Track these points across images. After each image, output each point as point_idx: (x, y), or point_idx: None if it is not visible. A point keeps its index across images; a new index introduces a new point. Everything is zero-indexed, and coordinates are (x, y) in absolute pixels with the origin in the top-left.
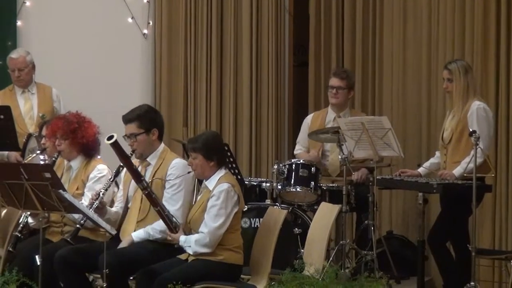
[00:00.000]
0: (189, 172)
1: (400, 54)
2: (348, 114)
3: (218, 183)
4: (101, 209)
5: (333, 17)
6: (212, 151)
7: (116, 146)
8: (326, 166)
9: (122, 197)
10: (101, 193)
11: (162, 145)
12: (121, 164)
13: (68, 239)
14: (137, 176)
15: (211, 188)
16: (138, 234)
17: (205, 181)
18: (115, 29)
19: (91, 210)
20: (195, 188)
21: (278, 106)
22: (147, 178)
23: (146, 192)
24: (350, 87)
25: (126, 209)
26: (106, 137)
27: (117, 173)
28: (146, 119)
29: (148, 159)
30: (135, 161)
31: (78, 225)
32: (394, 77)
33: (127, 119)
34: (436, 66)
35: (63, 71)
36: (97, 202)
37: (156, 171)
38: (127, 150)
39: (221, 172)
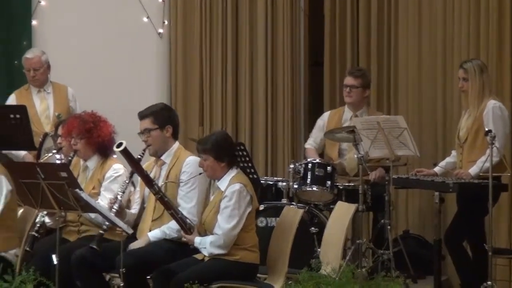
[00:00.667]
0: (200, 173)
1: (415, 53)
2: (365, 113)
3: (230, 184)
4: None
5: (348, 17)
6: (223, 152)
7: (125, 153)
8: (344, 165)
9: (139, 198)
10: (118, 197)
11: (177, 143)
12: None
13: (94, 246)
14: (149, 181)
15: (223, 189)
16: (154, 234)
17: (217, 181)
18: (131, 28)
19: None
20: (210, 186)
21: (293, 105)
22: (162, 177)
23: (159, 196)
24: (365, 86)
25: (142, 208)
26: (115, 145)
27: (132, 174)
28: (160, 116)
29: (162, 158)
30: (150, 161)
31: (101, 231)
32: (409, 76)
33: (142, 115)
34: (451, 66)
35: (79, 71)
36: (116, 206)
37: (171, 169)
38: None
39: (233, 172)
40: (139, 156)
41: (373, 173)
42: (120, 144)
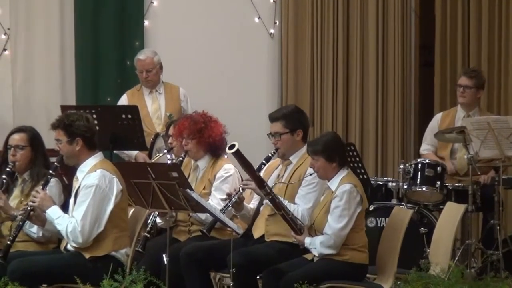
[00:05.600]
0: (311, 174)
1: None
2: (477, 114)
3: (341, 184)
4: (239, 204)
5: (459, 17)
6: (333, 153)
7: (238, 154)
8: (455, 165)
9: None
10: (240, 189)
11: (306, 145)
12: (263, 161)
13: (204, 230)
14: (260, 183)
15: (333, 189)
16: None
17: (328, 182)
18: (242, 29)
19: (229, 204)
20: None
21: (404, 106)
22: (286, 176)
23: (270, 197)
24: (479, 86)
25: (260, 204)
26: (228, 146)
27: (259, 169)
28: (292, 119)
29: (290, 158)
30: (276, 158)
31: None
32: None
33: (273, 117)
34: None
35: (190, 71)
36: (235, 197)
37: (296, 170)
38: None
39: (343, 173)
40: (269, 155)
41: (482, 177)
42: (232, 146)
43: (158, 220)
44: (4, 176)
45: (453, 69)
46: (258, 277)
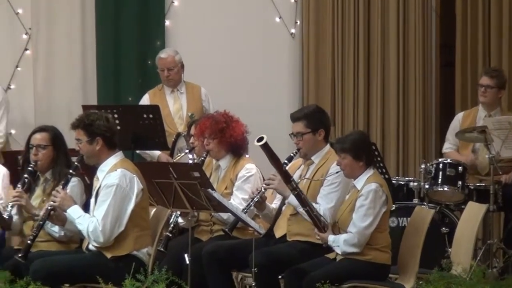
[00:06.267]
0: (337, 172)
1: None
2: (498, 114)
3: (367, 183)
4: (261, 204)
5: (480, 16)
6: (361, 151)
7: (266, 147)
8: (476, 164)
9: None
10: (262, 188)
11: (328, 146)
12: (286, 161)
13: (226, 230)
14: (286, 177)
15: (359, 188)
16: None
17: (354, 180)
18: (263, 28)
19: (251, 204)
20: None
21: (425, 105)
22: (308, 176)
23: (296, 193)
24: (500, 86)
25: (282, 204)
26: (256, 139)
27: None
28: (313, 119)
29: (312, 158)
30: (298, 158)
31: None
32: None
33: (295, 117)
34: None
35: (212, 70)
36: (257, 196)
37: (317, 170)
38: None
39: (369, 172)
40: (291, 155)
41: (503, 176)
42: (261, 139)
43: (180, 220)
44: (26, 175)
45: (474, 69)
46: (280, 276)
